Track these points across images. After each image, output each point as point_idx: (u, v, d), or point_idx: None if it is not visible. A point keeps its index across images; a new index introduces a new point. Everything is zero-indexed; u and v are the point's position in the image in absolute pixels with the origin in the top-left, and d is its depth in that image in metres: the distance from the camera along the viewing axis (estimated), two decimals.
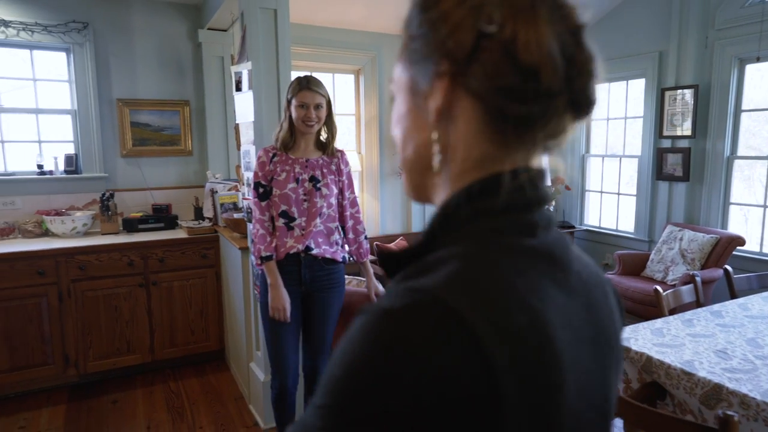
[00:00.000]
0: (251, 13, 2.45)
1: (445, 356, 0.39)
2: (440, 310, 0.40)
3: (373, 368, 0.40)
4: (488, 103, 0.48)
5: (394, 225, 5.00)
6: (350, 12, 4.23)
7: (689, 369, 1.68)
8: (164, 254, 3.31)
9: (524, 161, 0.50)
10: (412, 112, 0.55)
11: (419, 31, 0.51)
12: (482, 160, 0.50)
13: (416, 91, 0.53)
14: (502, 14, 0.46)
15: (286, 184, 2.15)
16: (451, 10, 0.48)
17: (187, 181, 3.93)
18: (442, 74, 0.49)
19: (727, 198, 4.10)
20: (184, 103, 3.84)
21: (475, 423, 0.39)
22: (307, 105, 2.10)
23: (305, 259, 2.18)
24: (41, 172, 3.47)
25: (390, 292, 0.45)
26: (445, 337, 0.39)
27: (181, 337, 3.43)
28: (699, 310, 2.24)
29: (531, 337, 0.42)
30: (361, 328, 0.43)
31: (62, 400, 3.06)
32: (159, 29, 3.71)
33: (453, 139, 0.51)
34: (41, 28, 3.33)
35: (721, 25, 3.96)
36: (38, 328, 3.04)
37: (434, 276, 0.44)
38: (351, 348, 0.43)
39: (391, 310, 0.42)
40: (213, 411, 2.93)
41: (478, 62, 0.47)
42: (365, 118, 4.80)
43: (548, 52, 0.46)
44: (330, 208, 2.22)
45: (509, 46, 0.46)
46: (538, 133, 0.48)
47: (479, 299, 0.41)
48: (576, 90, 0.48)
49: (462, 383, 0.39)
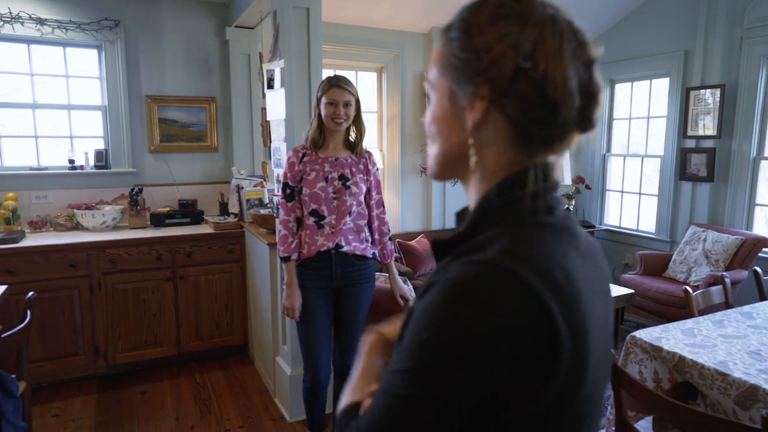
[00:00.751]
0: (284, 12, 2.48)
1: (512, 308, 0.51)
2: (502, 274, 0.52)
3: (456, 329, 0.51)
4: (518, 125, 0.59)
5: (414, 222, 5.01)
6: (374, 10, 4.25)
7: (723, 369, 1.68)
8: (191, 249, 3.37)
9: (541, 162, 0.62)
10: (448, 118, 0.65)
11: (462, 54, 0.60)
12: (510, 164, 0.62)
13: (454, 102, 0.63)
14: (536, 53, 0.56)
15: (316, 183, 2.18)
16: (494, 42, 0.58)
17: (212, 177, 3.99)
18: (483, 97, 0.59)
19: (752, 199, 4.05)
20: (210, 100, 3.89)
21: (542, 357, 0.51)
22: (336, 102, 2.13)
23: (336, 256, 2.21)
24: (72, 167, 3.54)
25: (451, 267, 0.56)
26: (510, 293, 0.51)
27: (206, 331, 3.49)
28: (729, 312, 2.24)
29: (567, 289, 0.54)
30: (438, 299, 0.54)
31: (92, 390, 3.13)
32: (187, 27, 3.77)
33: (484, 146, 0.62)
34: (75, 25, 3.40)
35: (750, 23, 3.91)
36: (70, 320, 3.11)
37: (489, 251, 0.55)
38: (432, 316, 0.53)
39: (463, 280, 0.53)
40: (239, 404, 2.98)
41: (514, 93, 0.58)
42: (387, 116, 4.82)
43: (569, 90, 0.57)
44: (359, 206, 2.25)
45: (540, 82, 0.56)
46: (555, 147, 0.61)
47: (528, 263, 0.53)
48: (585, 116, 0.60)
49: (528, 328, 0.51)
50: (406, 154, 4.84)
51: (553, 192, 0.63)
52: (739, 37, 3.99)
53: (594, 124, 0.61)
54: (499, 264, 0.53)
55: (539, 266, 0.54)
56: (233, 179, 3.71)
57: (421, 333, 0.53)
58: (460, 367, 0.51)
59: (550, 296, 0.52)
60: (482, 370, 0.51)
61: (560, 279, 0.54)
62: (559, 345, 0.52)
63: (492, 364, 0.51)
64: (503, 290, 0.51)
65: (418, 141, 4.88)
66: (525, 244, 0.56)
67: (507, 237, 0.57)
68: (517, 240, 0.57)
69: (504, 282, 0.52)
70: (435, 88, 0.67)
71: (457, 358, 0.51)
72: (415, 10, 4.38)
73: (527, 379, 0.52)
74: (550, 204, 0.62)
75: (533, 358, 0.51)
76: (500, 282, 0.52)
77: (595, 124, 0.61)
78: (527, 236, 0.57)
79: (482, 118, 0.60)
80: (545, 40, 0.57)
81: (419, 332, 0.54)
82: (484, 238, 0.58)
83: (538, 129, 0.59)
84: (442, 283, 0.54)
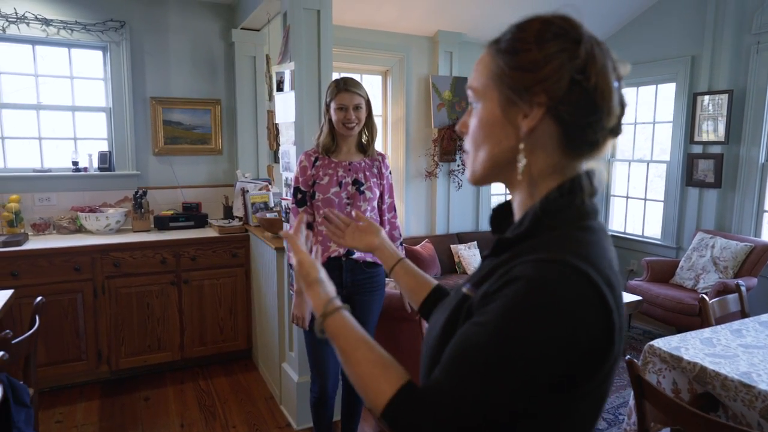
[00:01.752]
0: (295, 14, 2.45)
1: (582, 302, 0.60)
2: (573, 270, 0.61)
3: (542, 311, 0.59)
4: (570, 130, 0.67)
5: (419, 227, 4.98)
6: (380, 13, 4.23)
7: (748, 381, 1.65)
8: (196, 252, 3.33)
9: (582, 167, 0.71)
10: (500, 123, 0.70)
11: (520, 65, 0.67)
12: (558, 167, 0.70)
13: (507, 109, 0.69)
14: (588, 68, 0.65)
15: (329, 187, 2.13)
16: (553, 56, 0.65)
17: (216, 180, 3.95)
18: (540, 104, 0.66)
19: (761, 206, 4.03)
20: (215, 102, 3.86)
21: (601, 349, 0.61)
22: (346, 107, 2.08)
23: (347, 263, 2.16)
24: (76, 169, 3.50)
25: (522, 263, 0.63)
26: (581, 289, 0.60)
27: (210, 336, 3.44)
28: (746, 321, 2.20)
29: (615, 286, 0.64)
30: (521, 294, 0.61)
31: (95, 396, 3.08)
32: (193, 28, 3.74)
33: (534, 149, 0.69)
34: (80, 26, 3.36)
35: (758, 29, 3.89)
36: (73, 324, 3.07)
37: (557, 250, 0.63)
38: (519, 308, 0.60)
39: (542, 278, 0.61)
40: (244, 411, 2.94)
41: (569, 101, 0.65)
42: (392, 120, 4.79)
43: (614, 99, 0.67)
44: (373, 211, 2.21)
45: (591, 92, 0.65)
46: (600, 151, 0.70)
47: (591, 262, 0.62)
48: (619, 124, 0.69)
49: (595, 324, 0.60)
50: (410, 158, 4.81)
51: (594, 196, 0.72)
52: (747, 42, 3.98)
53: (621, 131, 0.71)
54: (570, 263, 0.61)
55: (598, 265, 0.63)
56: (238, 182, 3.67)
57: (510, 323, 0.60)
58: (542, 349, 0.58)
59: (608, 292, 0.61)
60: (559, 356, 0.59)
61: (611, 277, 0.63)
62: (613, 338, 0.62)
63: (567, 351, 0.59)
64: (575, 287, 0.60)
65: (423, 145, 4.85)
66: (585, 245, 0.65)
67: (571, 239, 0.66)
68: (578, 241, 0.66)
69: (575, 279, 0.60)
70: (483, 96, 0.72)
71: (540, 344, 0.58)
72: (421, 14, 4.36)
73: (587, 367, 0.61)
74: (594, 208, 0.71)
75: (595, 350, 0.60)
76: (572, 279, 0.60)
77: (621, 131, 0.71)
78: (585, 238, 0.67)
79: (537, 123, 0.67)
80: (595, 57, 0.66)
81: (507, 323, 0.60)
82: (549, 238, 0.66)
83: (587, 134, 0.67)
84: (524, 279, 0.61)
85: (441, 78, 4.74)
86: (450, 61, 4.79)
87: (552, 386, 0.60)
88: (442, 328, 0.74)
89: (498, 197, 5.53)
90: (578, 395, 0.62)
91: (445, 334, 0.72)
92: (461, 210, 5.14)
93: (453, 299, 0.77)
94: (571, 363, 0.60)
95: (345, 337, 0.79)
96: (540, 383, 0.59)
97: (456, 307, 0.73)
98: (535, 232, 0.68)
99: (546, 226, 0.68)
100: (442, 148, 4.78)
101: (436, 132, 4.78)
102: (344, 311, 0.82)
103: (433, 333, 0.77)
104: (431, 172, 4.86)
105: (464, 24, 4.61)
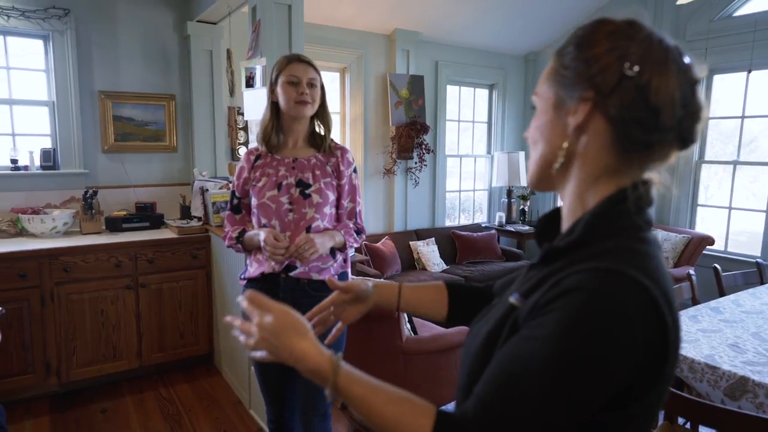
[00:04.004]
0: (265, 8, 2.39)
1: (640, 313, 0.58)
2: (633, 283, 0.59)
3: (603, 324, 0.57)
4: (619, 127, 0.64)
5: (377, 225, 5.00)
6: (338, 10, 4.19)
7: (712, 363, 1.78)
8: (154, 255, 3.17)
9: (640, 175, 0.68)
10: (552, 123, 0.70)
11: (573, 63, 0.67)
12: (611, 171, 0.67)
13: (559, 107, 0.69)
14: (642, 64, 0.63)
15: (265, 191, 1.75)
16: (603, 54, 0.64)
17: (171, 179, 3.77)
18: (587, 99, 0.65)
19: (695, 200, 4.36)
20: (169, 98, 3.68)
21: (655, 359, 0.59)
22: (299, 80, 1.72)
23: (285, 281, 1.77)
24: (15, 167, 3.23)
25: (577, 272, 0.61)
26: (639, 301, 0.58)
27: (169, 341, 3.29)
28: (699, 307, 2.39)
29: (673, 303, 0.62)
30: (582, 305, 0.58)
31: (44, 411, 2.87)
32: (144, 19, 3.54)
33: (584, 149, 0.67)
34: (18, 12, 3.10)
35: (692, 36, 4.20)
36: (18, 335, 2.84)
37: (615, 261, 0.61)
38: (580, 320, 0.58)
39: (604, 289, 0.59)
40: (212, 417, 2.84)
41: (618, 96, 0.63)
42: (350, 117, 4.77)
43: (671, 98, 0.62)
44: (325, 219, 1.79)
45: (643, 88, 0.62)
46: (654, 155, 0.66)
47: (649, 275, 0.60)
48: (684, 128, 0.64)
49: (649, 328, 0.59)
50: (369, 155, 4.82)
51: (649, 206, 0.69)
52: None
53: (694, 139, 0.66)
54: (630, 275, 0.60)
55: (655, 277, 0.61)
56: (196, 181, 3.53)
57: (569, 336, 0.58)
58: (602, 364, 0.57)
59: (665, 307, 0.60)
60: (619, 370, 0.58)
61: (668, 290, 0.62)
62: (667, 356, 0.61)
63: (626, 366, 0.58)
64: (633, 298, 0.58)
65: (381, 143, 4.87)
66: (641, 257, 0.63)
67: (627, 250, 0.63)
68: (633, 253, 0.63)
69: (634, 291, 0.59)
70: (541, 97, 0.73)
71: (601, 358, 0.57)
72: (378, 12, 4.37)
73: (641, 383, 0.60)
74: (649, 218, 0.68)
75: (649, 365, 0.60)
76: (631, 291, 0.59)
77: (695, 139, 0.66)
78: (641, 250, 0.64)
79: (584, 120, 0.66)
80: (651, 53, 0.63)
81: (567, 335, 0.58)
82: (605, 248, 0.64)
83: (638, 131, 0.64)
84: (582, 290, 0.59)
85: (398, 76, 4.77)
86: (407, 59, 4.83)
87: (607, 403, 0.59)
88: (485, 338, 0.70)
89: (452, 194, 5.65)
90: (627, 414, 0.61)
91: (488, 345, 0.69)
92: (419, 207, 5.20)
93: (498, 309, 0.74)
94: (627, 377, 0.58)
95: (360, 386, 0.70)
96: (597, 399, 0.58)
97: (501, 317, 0.70)
98: (588, 241, 0.65)
99: (600, 235, 0.65)
100: (399, 145, 4.81)
101: (394, 130, 4.81)
102: (342, 361, 0.72)
103: (475, 344, 0.73)
104: (389, 169, 4.89)
105: (421, 23, 4.66)
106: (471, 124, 5.71)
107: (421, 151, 4.93)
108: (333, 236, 1.79)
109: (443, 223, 5.46)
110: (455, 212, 5.77)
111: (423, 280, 4.38)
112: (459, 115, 5.57)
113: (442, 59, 5.06)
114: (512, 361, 0.61)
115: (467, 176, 5.77)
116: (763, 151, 4.18)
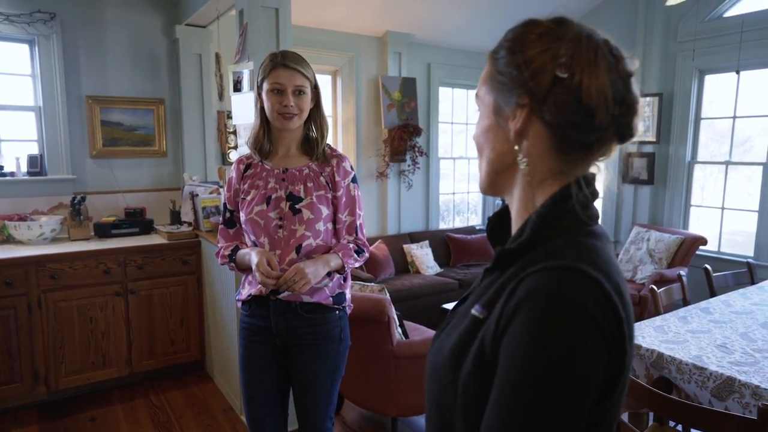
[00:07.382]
0: (252, 11, 2.37)
1: (597, 306, 0.58)
2: (586, 278, 0.59)
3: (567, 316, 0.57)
4: (557, 131, 0.65)
5: (370, 228, 4.97)
6: (329, 12, 4.18)
7: (700, 363, 1.77)
8: (143, 261, 3.15)
9: (583, 172, 0.68)
10: (494, 128, 0.71)
11: (506, 69, 0.67)
12: (555, 173, 0.67)
13: (499, 113, 0.69)
14: (572, 65, 0.62)
15: (253, 206, 1.62)
16: (535, 56, 0.64)
17: (161, 184, 3.75)
18: (524, 106, 0.65)
19: (688, 200, 4.36)
20: (158, 102, 3.66)
21: (618, 353, 0.59)
22: (283, 88, 1.55)
23: (274, 305, 1.64)
24: (1, 174, 3.20)
25: (531, 274, 0.60)
26: (593, 293, 0.58)
27: (160, 348, 3.26)
28: (690, 308, 2.38)
29: (623, 290, 0.63)
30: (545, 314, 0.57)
31: (32, 421, 2.83)
32: (132, 23, 3.52)
33: (528, 154, 0.68)
34: (3, 17, 3.07)
35: (682, 37, 4.21)
36: (5, 344, 2.80)
37: (567, 258, 0.61)
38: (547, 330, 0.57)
39: (562, 292, 0.58)
40: (203, 424, 2.81)
41: (552, 100, 0.63)
42: (342, 120, 4.76)
43: (603, 97, 0.62)
44: (318, 236, 1.63)
45: (575, 90, 0.62)
46: (595, 153, 0.66)
47: (600, 269, 0.60)
48: (622, 124, 0.64)
49: (609, 322, 0.58)
50: (361, 158, 4.80)
51: (594, 200, 0.70)
52: (673, 50, 4.29)
53: (633, 133, 0.67)
54: (584, 270, 0.59)
55: (606, 271, 0.61)
56: (186, 186, 3.50)
57: (537, 346, 0.57)
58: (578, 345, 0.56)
59: (617, 299, 0.60)
60: (596, 369, 0.57)
61: (619, 282, 0.62)
62: (625, 347, 0.60)
63: (601, 360, 0.57)
64: (589, 291, 0.58)
65: (374, 145, 4.86)
66: (590, 251, 0.63)
67: (574, 246, 0.64)
68: (583, 248, 0.64)
69: (588, 285, 0.59)
70: (482, 102, 0.73)
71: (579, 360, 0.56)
72: (370, 14, 4.36)
73: (610, 377, 0.60)
74: (594, 213, 0.69)
75: (618, 344, 0.59)
76: (586, 286, 0.58)
77: (634, 133, 0.67)
78: (589, 244, 0.65)
79: (523, 125, 0.66)
80: (581, 54, 0.63)
81: (535, 345, 0.57)
82: (554, 247, 0.64)
83: (575, 133, 0.64)
84: (542, 293, 0.58)
85: (390, 78, 4.76)
86: (399, 61, 4.83)
87: (588, 403, 0.58)
88: (450, 353, 0.68)
89: (447, 196, 5.64)
90: (599, 412, 0.60)
91: (454, 361, 0.67)
92: (412, 210, 5.19)
93: (460, 321, 0.71)
94: (601, 368, 0.58)
95: None
96: (586, 408, 0.57)
97: (466, 330, 0.67)
98: (539, 241, 0.65)
99: (548, 234, 0.65)
100: (392, 148, 4.80)
101: (386, 132, 4.80)
102: None
103: (440, 359, 0.71)
104: (382, 172, 4.87)
105: (412, 25, 4.65)
106: (465, 126, 5.71)
107: (414, 154, 4.91)
108: (328, 261, 1.61)
109: (437, 226, 5.44)
110: (450, 214, 5.76)
111: (416, 283, 4.36)
112: (452, 117, 5.56)
113: (435, 61, 5.06)
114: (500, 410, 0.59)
115: (461, 178, 5.77)
116: (757, 152, 4.18)
